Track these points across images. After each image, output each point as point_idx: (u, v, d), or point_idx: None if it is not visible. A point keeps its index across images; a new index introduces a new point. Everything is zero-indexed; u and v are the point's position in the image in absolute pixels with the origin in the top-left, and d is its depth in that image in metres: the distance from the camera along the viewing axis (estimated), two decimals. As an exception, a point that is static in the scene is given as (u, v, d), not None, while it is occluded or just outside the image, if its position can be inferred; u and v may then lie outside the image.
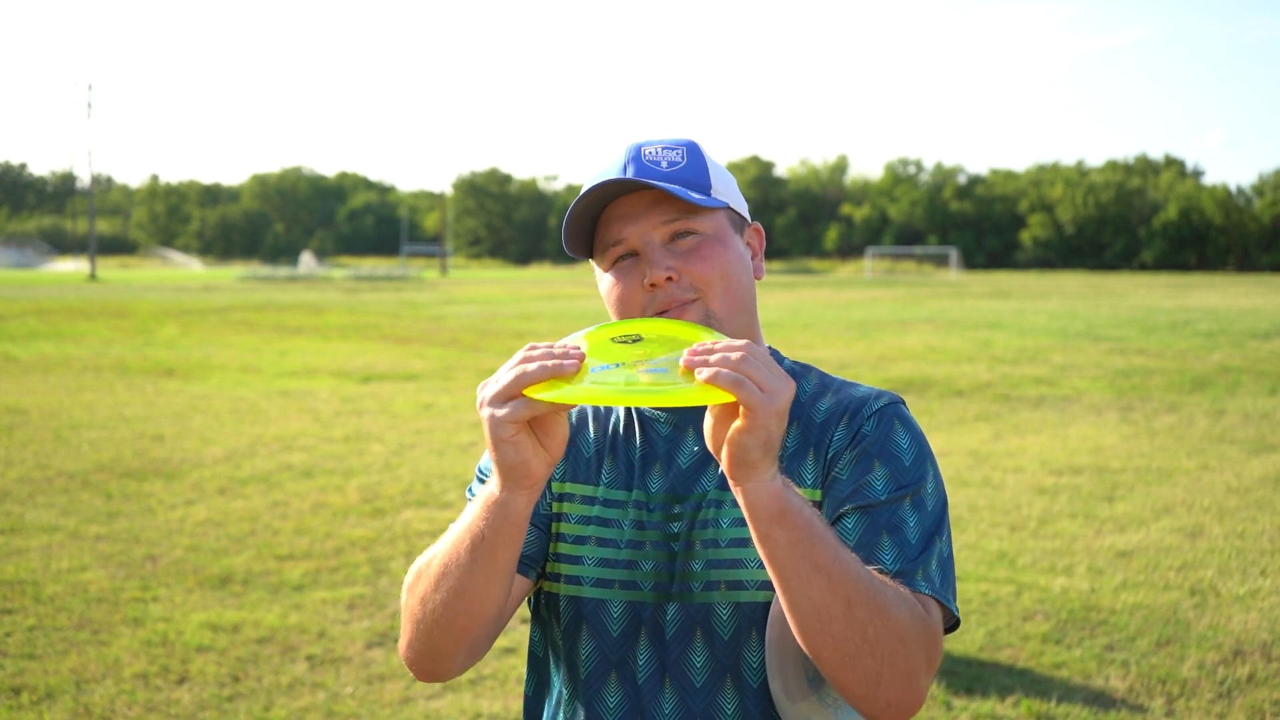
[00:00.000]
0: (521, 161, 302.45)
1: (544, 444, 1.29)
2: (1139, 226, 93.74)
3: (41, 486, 7.93)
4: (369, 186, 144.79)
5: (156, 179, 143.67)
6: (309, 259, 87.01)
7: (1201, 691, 4.49)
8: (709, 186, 1.50)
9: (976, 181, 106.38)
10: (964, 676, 4.59)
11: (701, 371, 1.19)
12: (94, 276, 62.76)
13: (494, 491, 1.33)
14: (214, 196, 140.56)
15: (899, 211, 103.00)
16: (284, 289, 46.36)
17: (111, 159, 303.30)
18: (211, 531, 6.76)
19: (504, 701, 4.41)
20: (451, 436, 10.10)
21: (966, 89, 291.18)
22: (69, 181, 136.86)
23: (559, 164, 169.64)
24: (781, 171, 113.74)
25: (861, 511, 1.42)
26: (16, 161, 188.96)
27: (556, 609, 1.54)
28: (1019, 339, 19.93)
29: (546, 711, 1.58)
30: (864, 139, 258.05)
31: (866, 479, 1.44)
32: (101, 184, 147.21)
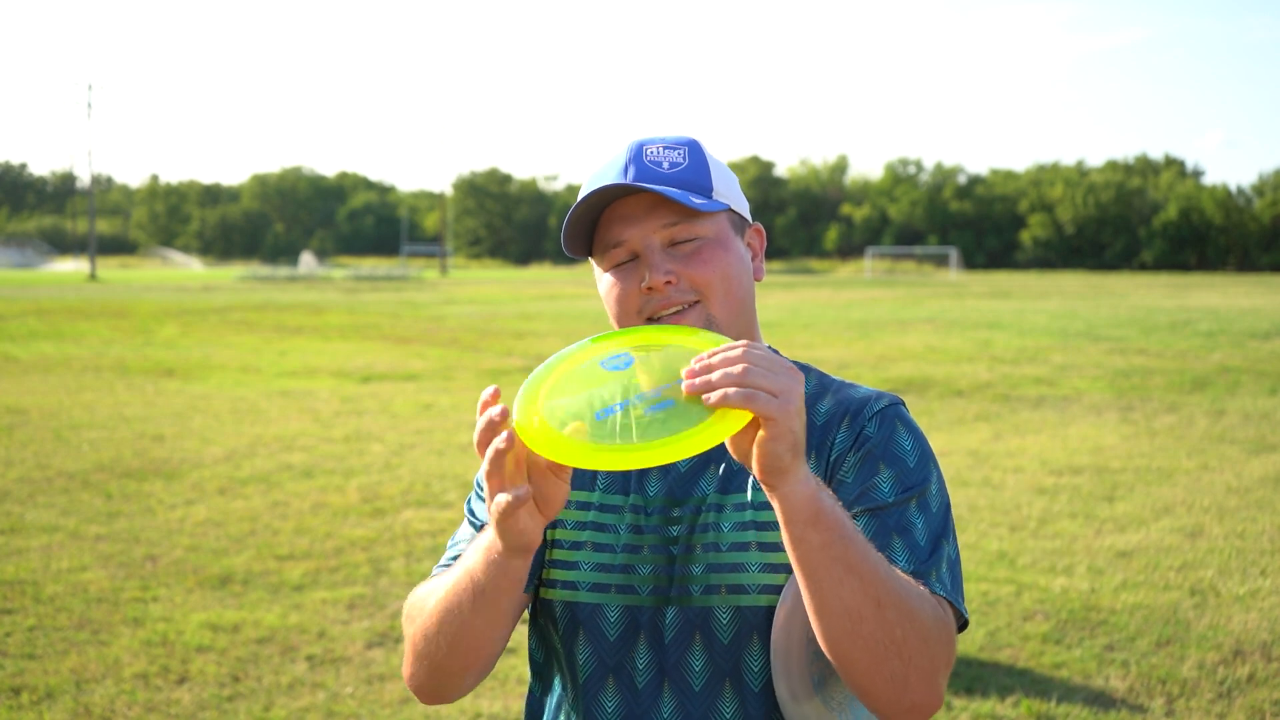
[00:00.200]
0: (521, 161, 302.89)
1: (542, 511, 1.28)
2: (1139, 226, 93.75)
3: (41, 486, 7.93)
4: (369, 186, 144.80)
5: (156, 179, 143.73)
6: (309, 259, 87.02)
7: (1201, 691, 4.49)
8: (710, 188, 1.49)
9: (976, 181, 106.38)
10: (964, 676, 4.59)
11: (709, 396, 1.18)
12: (94, 276, 62.77)
13: (495, 546, 1.32)
14: (214, 196, 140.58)
15: (899, 211, 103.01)
16: (284, 289, 46.37)
17: (111, 159, 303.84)
18: (211, 531, 6.76)
19: (504, 701, 4.41)
20: (451, 436, 10.10)
21: (966, 89, 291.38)
22: (69, 181, 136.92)
23: (559, 164, 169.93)
24: (781, 171, 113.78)
25: (870, 514, 1.42)
26: (16, 161, 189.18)
27: (553, 615, 1.54)
28: (1019, 339, 19.93)
29: (548, 714, 1.57)
30: (864, 139, 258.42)
31: (873, 481, 1.44)
32: (101, 184, 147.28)
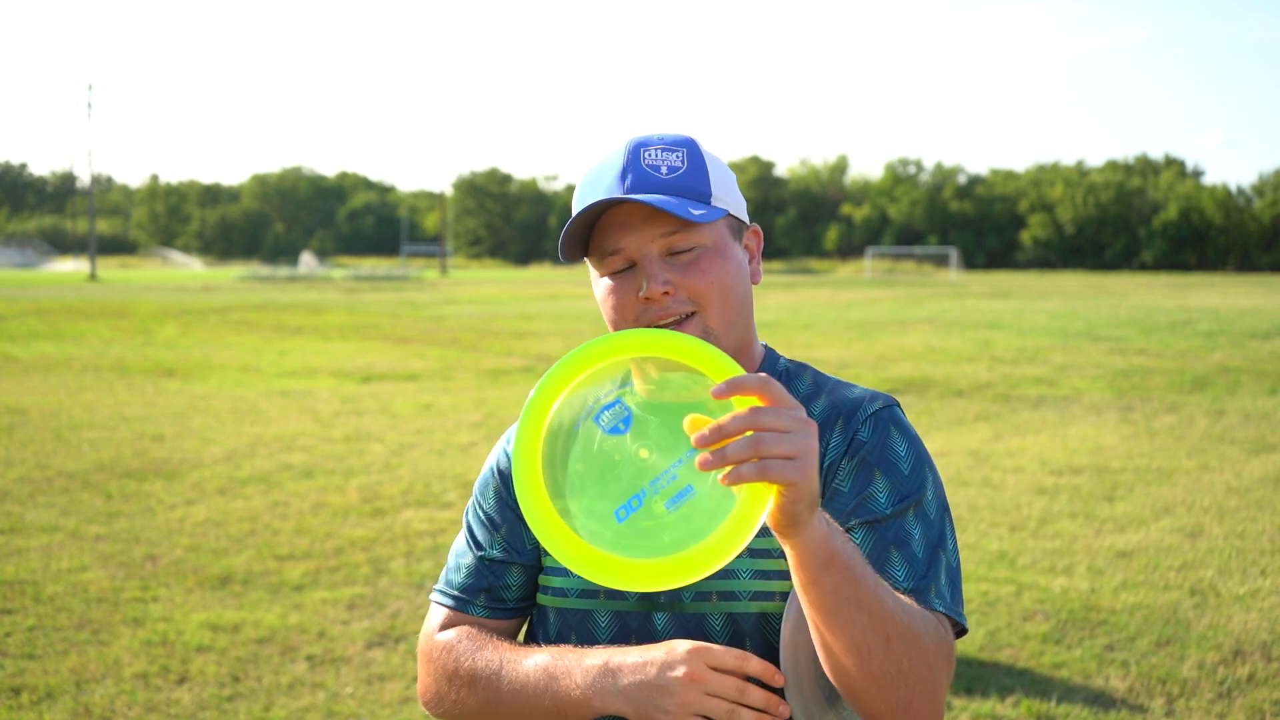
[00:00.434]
0: (521, 161, 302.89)
1: None
2: (1139, 226, 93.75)
3: (41, 486, 7.93)
4: (369, 186, 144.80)
5: (156, 179, 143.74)
6: (309, 259, 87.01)
7: (1201, 691, 4.49)
8: (709, 194, 1.47)
9: (976, 181, 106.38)
10: (964, 677, 4.59)
11: (723, 475, 1.14)
12: (94, 276, 62.77)
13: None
14: (214, 196, 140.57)
15: (899, 211, 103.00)
16: (284, 289, 46.36)
17: (111, 159, 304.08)
18: (211, 531, 6.76)
19: (504, 701, 4.40)
20: (451, 436, 10.10)
21: (966, 89, 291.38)
22: (69, 181, 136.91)
23: (559, 164, 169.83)
24: (781, 171, 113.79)
25: (868, 527, 1.41)
26: (17, 161, 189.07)
27: (546, 620, 1.55)
28: (1019, 339, 19.93)
29: None
30: (864, 139, 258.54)
31: (869, 491, 1.43)
32: (101, 184, 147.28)
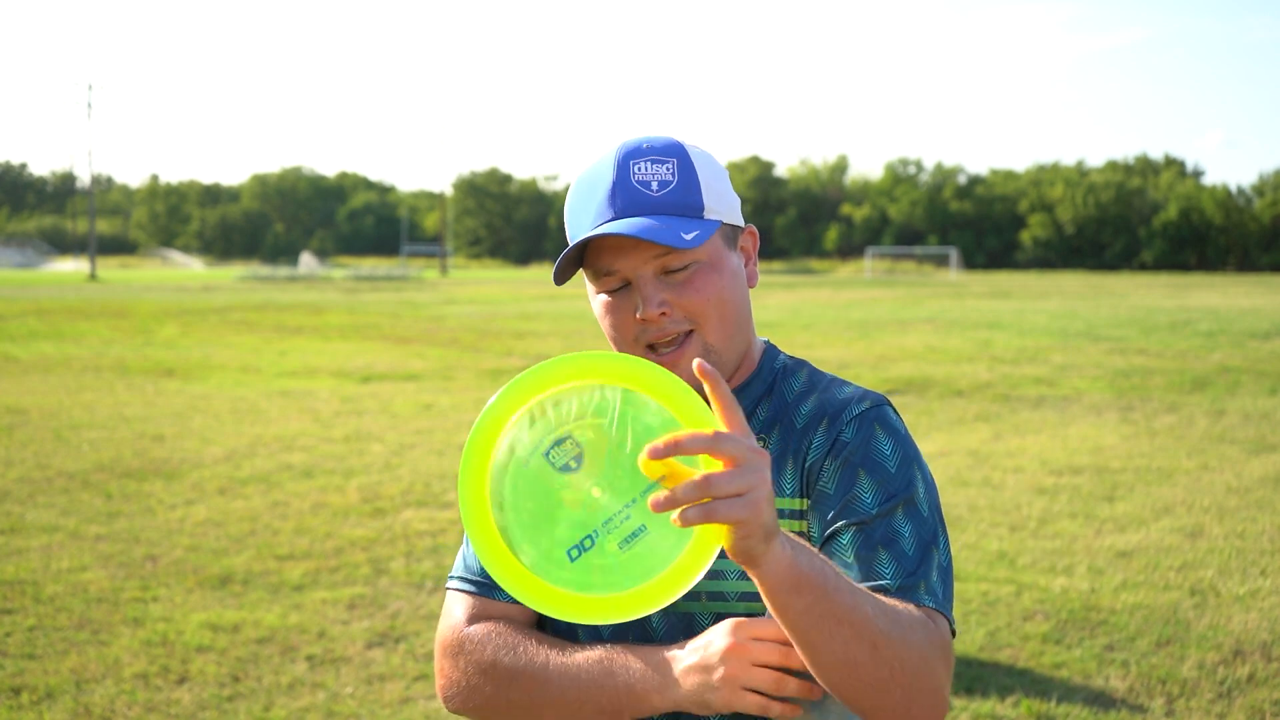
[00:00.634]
0: (521, 161, 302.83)
1: None
2: (1139, 226, 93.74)
3: (41, 486, 7.93)
4: (369, 186, 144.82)
5: (156, 179, 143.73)
6: (309, 259, 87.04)
7: (1201, 691, 4.49)
8: (701, 206, 1.45)
9: (976, 181, 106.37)
10: (964, 677, 4.59)
11: (673, 517, 1.10)
12: (94, 276, 62.78)
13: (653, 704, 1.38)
14: (214, 196, 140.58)
15: (899, 211, 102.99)
16: (284, 289, 46.37)
17: (111, 159, 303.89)
18: (211, 531, 6.76)
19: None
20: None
21: (966, 89, 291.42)
22: (69, 181, 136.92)
23: (559, 164, 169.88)
24: (781, 171, 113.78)
25: (855, 528, 1.40)
26: (17, 161, 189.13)
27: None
28: (1019, 339, 19.93)
29: None
30: (864, 139, 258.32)
31: (854, 492, 1.41)
32: (101, 184, 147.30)
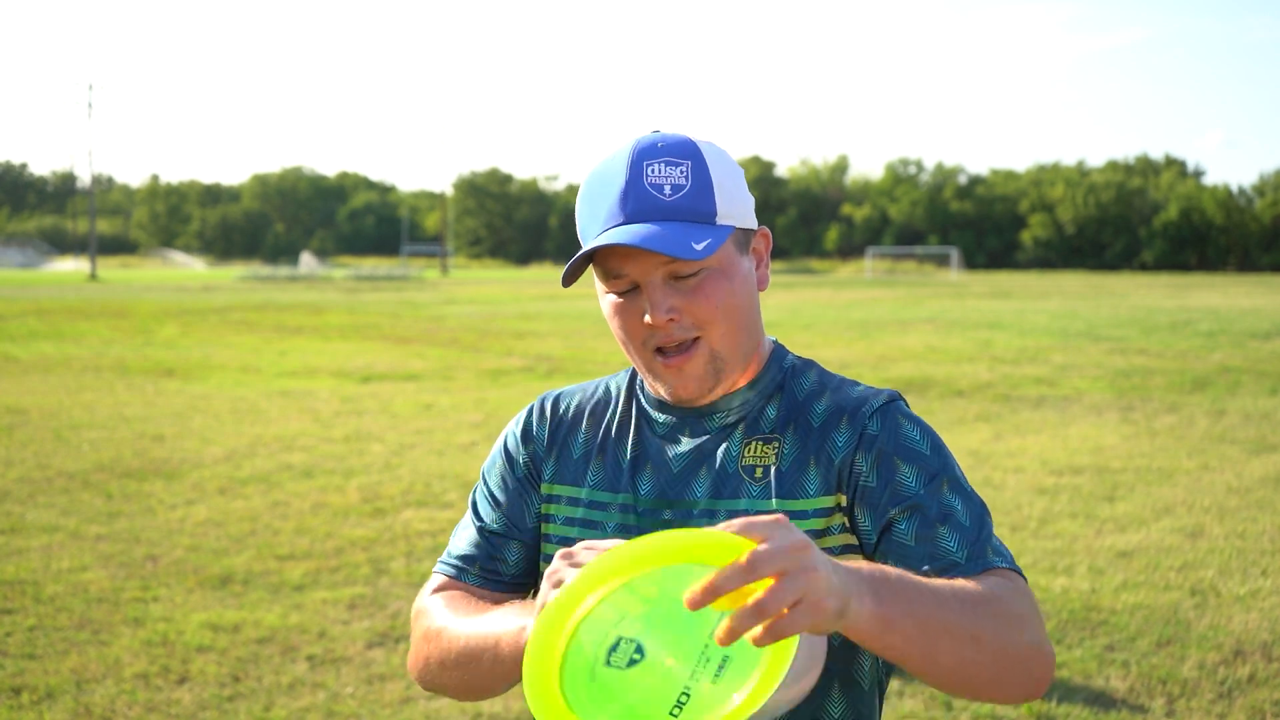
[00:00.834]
0: (522, 161, 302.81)
1: None
2: (1139, 226, 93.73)
3: (42, 486, 7.93)
4: (369, 186, 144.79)
5: (157, 179, 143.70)
6: (309, 259, 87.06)
7: (1202, 692, 4.49)
8: (714, 212, 1.43)
9: (977, 181, 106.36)
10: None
11: (750, 638, 1.06)
12: (94, 276, 62.80)
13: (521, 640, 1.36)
14: (214, 196, 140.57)
15: (899, 211, 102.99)
16: (284, 289, 46.37)
17: (112, 159, 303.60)
18: (212, 531, 6.76)
19: (504, 702, 4.40)
20: (452, 436, 10.10)
21: (967, 89, 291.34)
22: (69, 181, 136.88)
23: (560, 164, 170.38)
24: (782, 171, 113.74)
25: (908, 512, 1.40)
26: (17, 161, 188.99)
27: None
28: (1019, 339, 19.93)
29: None
30: (864, 139, 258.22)
31: (897, 480, 1.42)
32: (102, 184, 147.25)
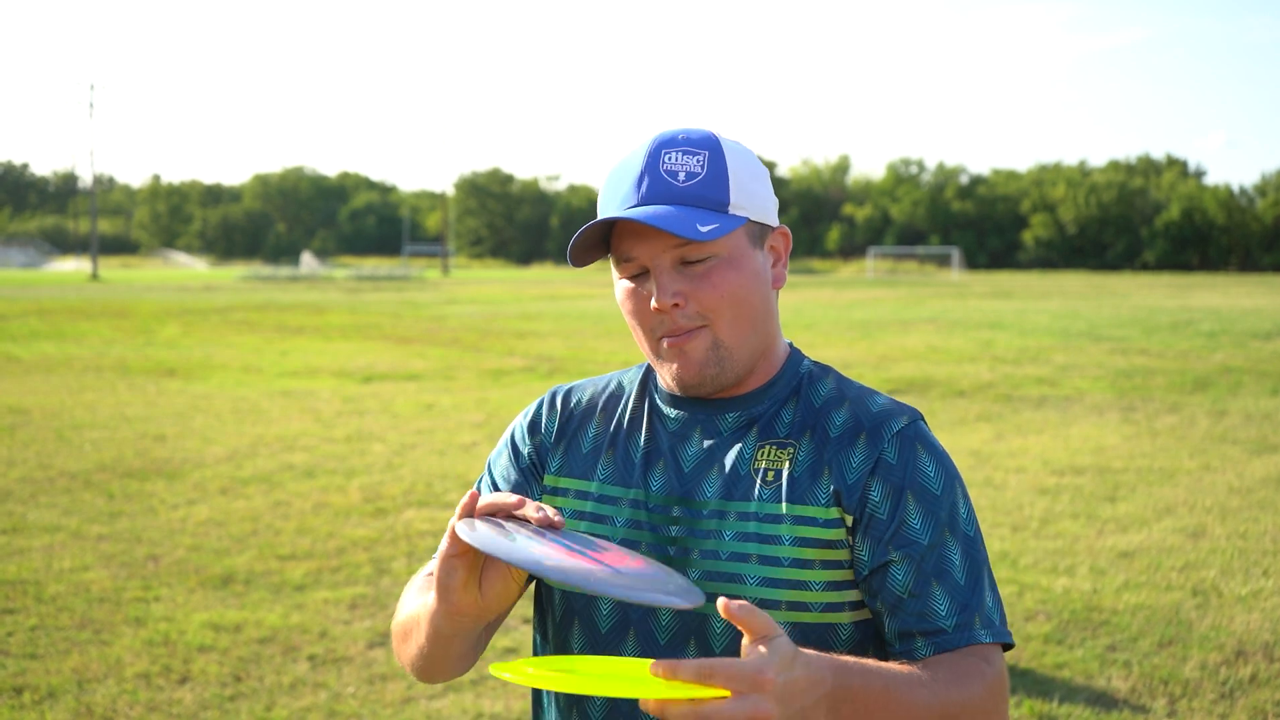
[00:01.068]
0: (523, 161, 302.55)
1: (482, 587, 1.33)
2: (1141, 227, 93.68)
3: (43, 486, 7.93)
4: (371, 186, 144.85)
5: (158, 179, 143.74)
6: (310, 259, 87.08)
7: (1204, 692, 4.49)
8: (726, 202, 1.43)
9: (978, 181, 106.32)
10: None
11: None
12: (96, 276, 62.82)
13: (432, 603, 1.39)
14: (216, 196, 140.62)
15: (901, 211, 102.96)
16: (285, 289, 46.38)
17: (113, 159, 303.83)
18: (213, 531, 6.77)
19: (505, 702, 4.41)
20: (453, 436, 10.10)
21: (968, 89, 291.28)
22: (71, 181, 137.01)
23: (561, 164, 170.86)
24: (783, 171, 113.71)
25: (906, 560, 1.41)
26: (19, 161, 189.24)
27: (552, 601, 1.56)
28: (1021, 339, 19.92)
29: (547, 699, 1.59)
30: (866, 139, 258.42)
31: (905, 520, 1.42)
32: (103, 184, 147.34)
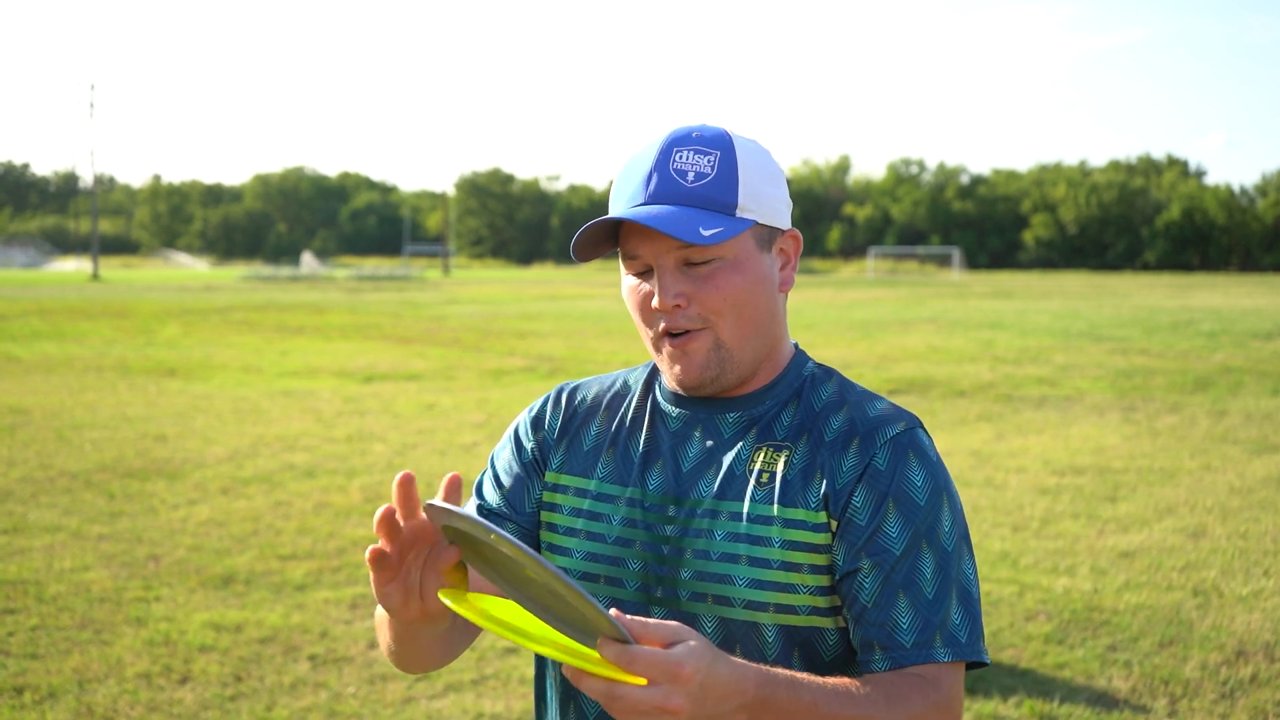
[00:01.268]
0: (524, 161, 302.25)
1: (425, 599, 1.27)
2: (1142, 226, 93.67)
3: (44, 486, 7.93)
4: (371, 186, 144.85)
5: (159, 179, 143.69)
6: (310, 259, 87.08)
7: (1204, 692, 4.49)
8: (734, 204, 1.43)
9: (979, 181, 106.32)
10: (967, 677, 4.59)
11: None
12: (96, 276, 62.83)
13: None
14: (216, 196, 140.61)
15: (901, 211, 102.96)
16: (286, 289, 46.39)
17: (114, 159, 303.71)
18: (214, 531, 6.77)
19: (506, 701, 4.41)
20: (454, 436, 10.10)
21: (968, 89, 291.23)
22: (72, 181, 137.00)
23: (562, 164, 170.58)
24: (784, 171, 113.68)
25: (877, 569, 1.40)
26: (19, 161, 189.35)
27: None
28: (1021, 339, 19.93)
29: (549, 696, 1.59)
30: (866, 139, 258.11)
31: (882, 527, 1.41)
32: (104, 184, 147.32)
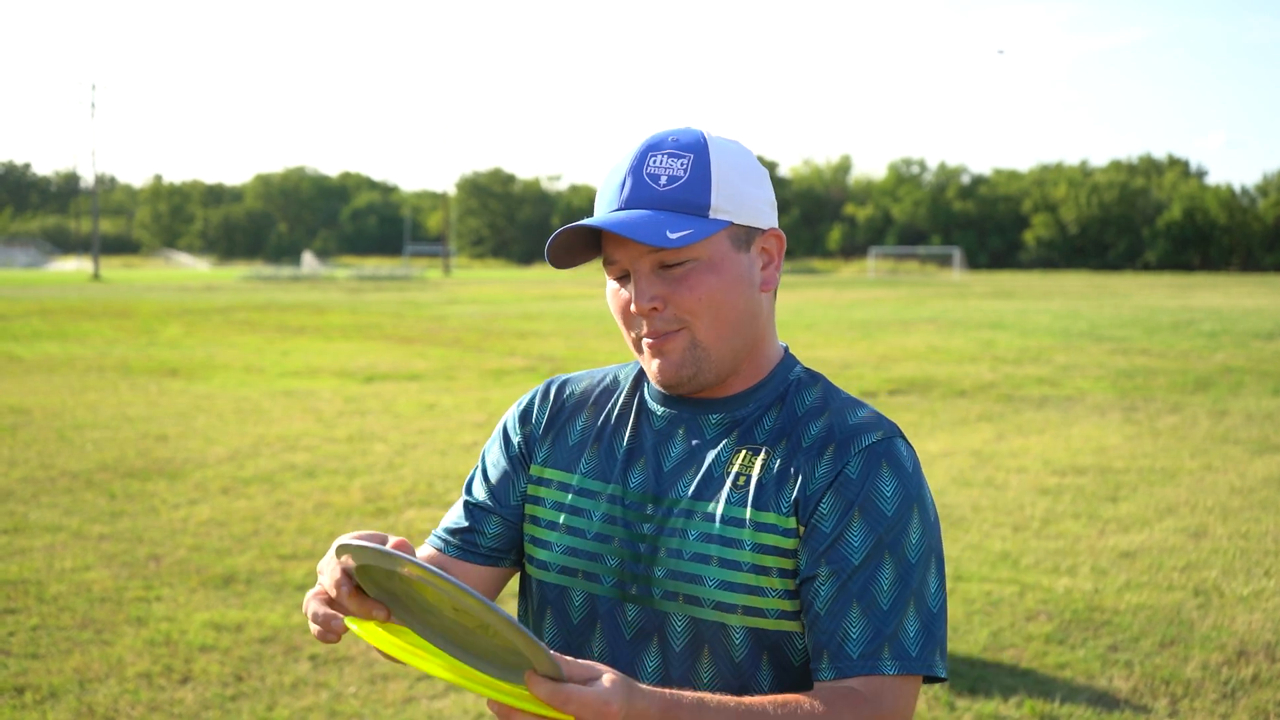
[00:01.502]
0: (525, 161, 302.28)
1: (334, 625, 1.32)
2: (1142, 227, 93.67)
3: (45, 486, 7.94)
4: (372, 186, 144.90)
5: (160, 179, 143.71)
6: (311, 259, 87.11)
7: (1205, 692, 4.49)
8: (707, 205, 1.42)
9: (980, 181, 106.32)
10: (967, 677, 4.59)
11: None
12: (97, 276, 62.86)
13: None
14: (217, 196, 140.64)
15: (902, 211, 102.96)
16: (287, 289, 46.40)
17: (115, 159, 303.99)
18: (215, 531, 6.77)
19: (507, 701, 4.40)
20: (454, 436, 10.11)
21: (968, 89, 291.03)
22: (73, 181, 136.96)
23: (562, 164, 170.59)
24: (785, 172, 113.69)
25: (834, 576, 1.39)
26: (20, 161, 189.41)
27: (529, 590, 1.59)
28: (1022, 339, 19.92)
29: None
30: (867, 139, 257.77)
31: (844, 535, 1.40)
32: (105, 184, 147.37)
